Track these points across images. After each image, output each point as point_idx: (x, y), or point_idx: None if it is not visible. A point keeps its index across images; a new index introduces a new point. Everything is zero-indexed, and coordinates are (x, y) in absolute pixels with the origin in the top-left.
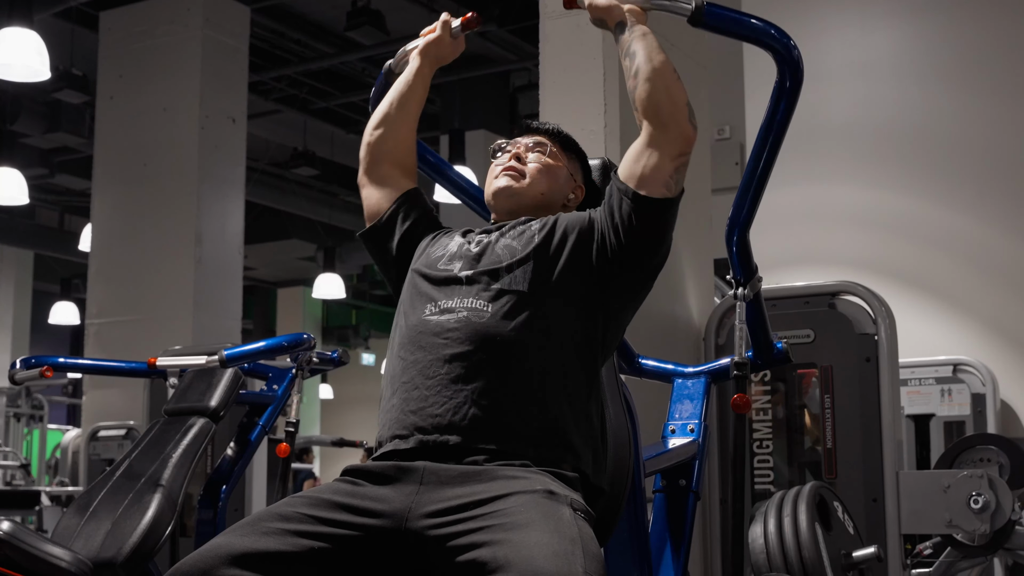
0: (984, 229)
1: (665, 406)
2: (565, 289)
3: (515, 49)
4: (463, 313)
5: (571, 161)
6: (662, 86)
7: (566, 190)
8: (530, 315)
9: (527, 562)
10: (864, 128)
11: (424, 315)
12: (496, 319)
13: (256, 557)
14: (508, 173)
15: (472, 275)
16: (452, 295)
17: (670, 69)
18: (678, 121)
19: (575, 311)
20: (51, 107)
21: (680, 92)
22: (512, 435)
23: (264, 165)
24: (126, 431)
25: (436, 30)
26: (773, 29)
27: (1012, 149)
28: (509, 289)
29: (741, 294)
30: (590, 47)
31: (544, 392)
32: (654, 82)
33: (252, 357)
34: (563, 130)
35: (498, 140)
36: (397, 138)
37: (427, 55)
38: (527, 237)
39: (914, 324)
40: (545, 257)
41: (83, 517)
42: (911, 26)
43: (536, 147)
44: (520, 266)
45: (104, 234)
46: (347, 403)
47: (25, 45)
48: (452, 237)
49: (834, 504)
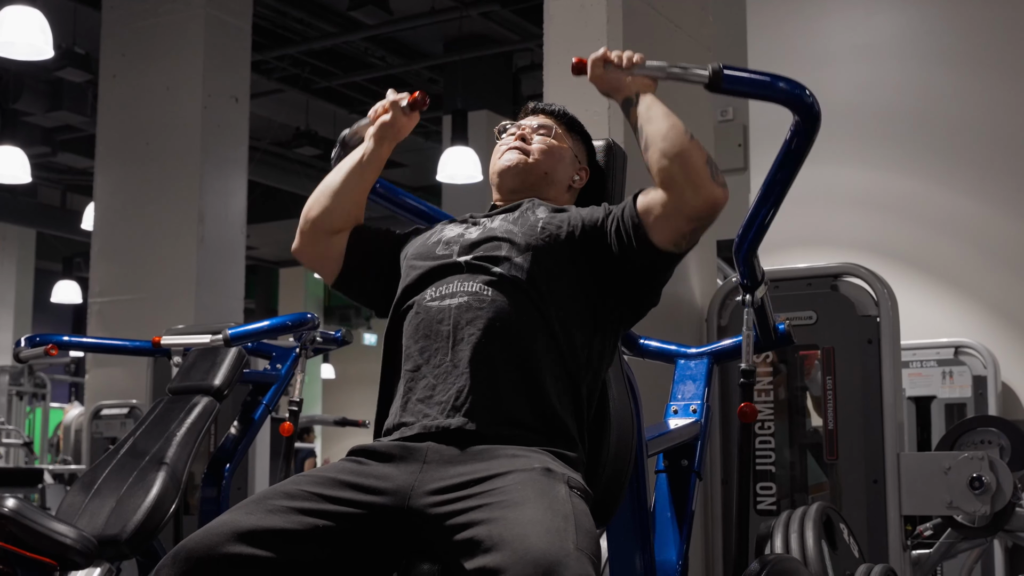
0: (986, 211)
1: (668, 386)
2: (565, 281)
3: (518, 29)
4: (464, 298)
5: (576, 143)
6: (676, 159)
7: (571, 171)
8: (530, 301)
9: (520, 540)
10: (867, 110)
11: (425, 300)
12: (497, 305)
13: (262, 534)
14: (513, 151)
15: (472, 260)
16: (452, 280)
17: (683, 137)
18: (698, 189)
19: (574, 303)
20: (53, 85)
21: (697, 158)
22: (513, 421)
23: (267, 145)
24: (128, 410)
25: (388, 112)
26: (782, 82)
27: (1015, 131)
28: (510, 275)
29: (749, 300)
30: (595, 28)
31: (542, 379)
32: (668, 157)
33: (256, 336)
34: (568, 111)
35: (504, 121)
36: (348, 212)
37: (384, 137)
38: (529, 224)
39: (916, 306)
40: (547, 247)
41: (88, 495)
42: (914, 8)
43: (541, 128)
44: (522, 254)
45: (107, 213)
46: (349, 383)
47: (28, 23)
48: (446, 226)
49: (840, 526)
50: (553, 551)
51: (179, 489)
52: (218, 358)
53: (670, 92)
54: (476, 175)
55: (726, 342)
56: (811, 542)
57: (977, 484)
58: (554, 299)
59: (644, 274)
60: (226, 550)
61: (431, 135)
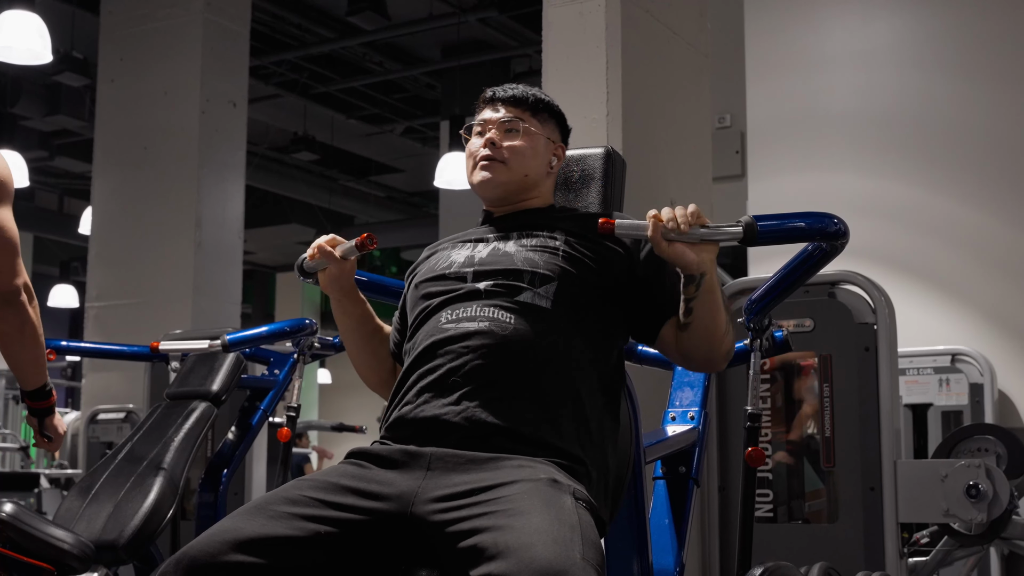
0: (984, 219)
1: (666, 393)
2: (587, 312)
3: (516, 35)
4: (484, 323)
5: (546, 124)
6: (708, 349)
7: (547, 157)
8: (551, 332)
9: (526, 548)
10: (865, 116)
11: (441, 323)
12: (520, 332)
13: (264, 542)
14: (486, 164)
15: (491, 287)
16: (470, 304)
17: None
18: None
19: (595, 333)
20: (51, 90)
21: (726, 350)
22: (524, 440)
23: (264, 150)
24: (125, 415)
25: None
26: (809, 219)
27: (1012, 138)
28: (533, 304)
29: (757, 345)
30: (593, 35)
31: (558, 409)
32: (701, 348)
33: (254, 342)
34: (530, 93)
35: (468, 120)
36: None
37: (338, 290)
38: (549, 252)
39: (913, 313)
40: (569, 278)
41: (85, 500)
42: (912, 14)
43: (508, 126)
44: (544, 284)
45: (104, 217)
46: (345, 388)
47: (27, 27)
48: (453, 247)
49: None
50: (559, 561)
51: (176, 494)
52: (216, 363)
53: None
54: None
55: None
56: None
57: (974, 492)
58: (575, 329)
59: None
60: (229, 558)
61: (428, 140)
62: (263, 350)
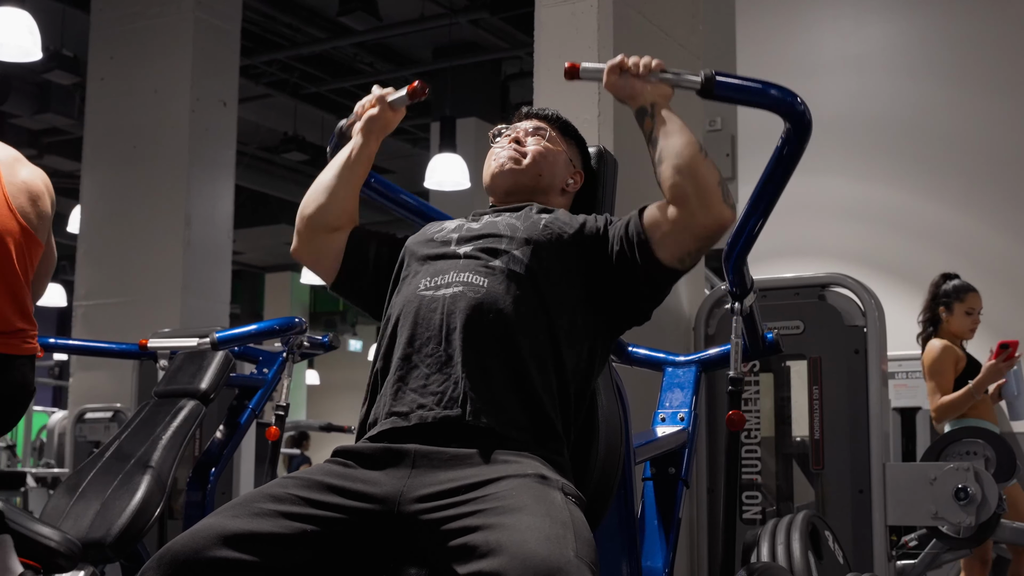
0: (973, 223)
1: (656, 394)
2: (563, 281)
3: (507, 37)
4: (459, 288)
5: (570, 146)
6: (690, 176)
7: (565, 175)
8: (526, 296)
9: (519, 545)
10: (856, 121)
11: (419, 289)
12: (492, 295)
13: (248, 538)
14: (507, 153)
15: (470, 251)
16: (448, 269)
17: (698, 155)
18: (709, 207)
19: (570, 304)
20: (41, 88)
21: (710, 177)
22: (505, 416)
23: (254, 149)
24: (112, 413)
25: (376, 106)
26: (774, 89)
27: (1003, 144)
28: (507, 268)
29: (738, 308)
30: (585, 35)
31: (533, 376)
32: (682, 173)
33: (243, 340)
34: (562, 115)
35: (498, 125)
36: (342, 208)
37: (371, 132)
38: (532, 221)
39: (902, 317)
40: (548, 244)
41: (72, 497)
42: (904, 20)
43: (536, 132)
44: (520, 247)
45: (93, 216)
46: (333, 389)
47: (17, 24)
48: (449, 222)
49: (825, 533)
50: (554, 558)
51: (164, 493)
52: (205, 362)
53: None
54: (464, 182)
55: (714, 350)
56: (797, 551)
57: (962, 495)
58: (551, 295)
59: (643, 288)
60: (211, 554)
61: (419, 141)
62: (252, 349)
